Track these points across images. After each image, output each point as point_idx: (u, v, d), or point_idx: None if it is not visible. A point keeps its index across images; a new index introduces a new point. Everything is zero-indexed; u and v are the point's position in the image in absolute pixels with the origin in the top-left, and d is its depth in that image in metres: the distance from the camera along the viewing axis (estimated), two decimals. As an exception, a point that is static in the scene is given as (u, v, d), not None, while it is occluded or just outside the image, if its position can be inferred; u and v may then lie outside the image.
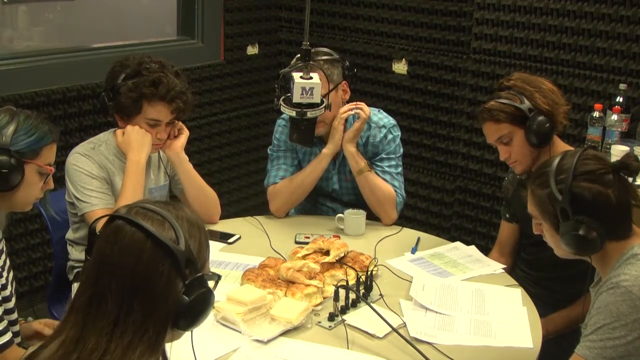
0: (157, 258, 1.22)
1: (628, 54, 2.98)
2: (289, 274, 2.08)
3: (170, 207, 1.30)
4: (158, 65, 2.33)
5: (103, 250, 1.24)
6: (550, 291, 2.35)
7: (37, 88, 2.99)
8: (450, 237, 3.42)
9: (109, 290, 1.20)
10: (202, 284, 1.27)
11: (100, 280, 1.22)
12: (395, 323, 1.91)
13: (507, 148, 2.24)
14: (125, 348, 1.18)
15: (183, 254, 1.23)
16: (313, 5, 3.87)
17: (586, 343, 1.60)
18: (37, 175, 1.80)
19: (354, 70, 2.64)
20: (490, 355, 1.86)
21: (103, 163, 2.40)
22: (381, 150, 2.66)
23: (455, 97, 3.54)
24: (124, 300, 1.20)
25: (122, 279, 1.21)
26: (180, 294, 1.23)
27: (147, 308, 1.20)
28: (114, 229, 1.24)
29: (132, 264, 1.21)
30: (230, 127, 3.98)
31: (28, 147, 1.76)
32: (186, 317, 1.25)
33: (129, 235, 1.22)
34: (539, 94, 2.18)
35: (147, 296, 1.21)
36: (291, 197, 2.65)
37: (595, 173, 1.64)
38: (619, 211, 1.64)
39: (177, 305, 1.23)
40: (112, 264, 1.22)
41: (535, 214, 1.74)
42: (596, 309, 1.61)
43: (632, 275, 1.58)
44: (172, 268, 1.22)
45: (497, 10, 3.30)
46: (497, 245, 2.55)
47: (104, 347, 1.18)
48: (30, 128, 1.77)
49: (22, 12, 3.41)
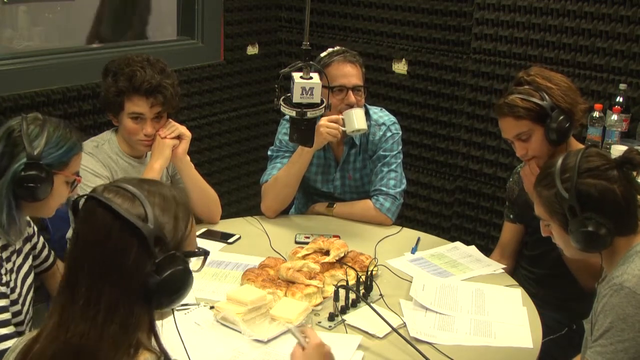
0: (125, 237, 1.21)
1: (628, 54, 2.97)
2: (289, 274, 2.08)
3: (144, 184, 1.28)
4: (142, 61, 2.35)
5: (77, 231, 1.25)
6: (551, 290, 2.35)
7: (37, 88, 2.99)
8: (450, 237, 3.42)
9: (82, 272, 1.21)
10: (176, 262, 1.24)
11: (74, 262, 1.23)
12: (395, 323, 1.91)
13: (525, 145, 2.21)
14: (101, 329, 1.18)
15: (151, 232, 1.21)
16: (313, 5, 3.87)
17: (597, 348, 1.60)
18: (65, 185, 1.82)
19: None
20: (490, 355, 1.86)
21: (107, 162, 2.41)
22: (379, 148, 2.67)
23: (455, 97, 3.54)
24: (95, 281, 1.20)
25: (92, 259, 1.21)
26: (150, 273, 1.21)
27: (117, 288, 1.20)
28: (86, 210, 1.25)
29: (101, 243, 1.21)
30: (230, 127, 3.98)
31: (58, 160, 1.78)
32: (160, 295, 1.23)
33: (99, 215, 1.22)
34: (559, 92, 2.16)
35: (116, 276, 1.20)
36: (278, 196, 2.65)
37: (599, 169, 1.66)
38: (626, 206, 1.65)
39: (147, 284, 1.21)
40: (84, 244, 1.23)
41: (544, 215, 1.75)
42: (602, 311, 1.61)
43: (635, 275, 1.58)
44: (140, 247, 1.21)
45: (497, 10, 3.30)
46: (499, 247, 2.54)
47: (81, 330, 1.18)
48: (60, 140, 1.79)
49: (22, 12, 3.41)
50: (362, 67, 2.64)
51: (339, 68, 2.57)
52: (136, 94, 2.32)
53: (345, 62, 2.58)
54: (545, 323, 2.04)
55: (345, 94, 2.56)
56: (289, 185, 2.62)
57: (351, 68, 2.59)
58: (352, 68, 2.59)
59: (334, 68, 2.57)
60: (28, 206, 1.80)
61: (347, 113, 2.50)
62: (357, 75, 2.60)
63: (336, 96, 2.55)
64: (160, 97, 2.33)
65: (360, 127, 2.49)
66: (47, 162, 1.75)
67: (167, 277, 1.22)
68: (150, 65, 2.34)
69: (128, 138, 2.42)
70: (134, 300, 1.21)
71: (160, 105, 2.35)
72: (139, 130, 2.37)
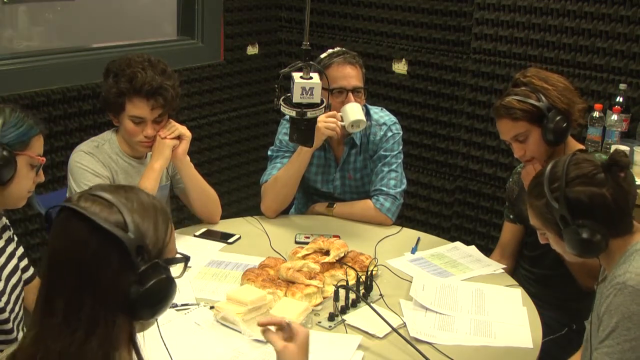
0: (104, 248, 1.15)
1: (628, 54, 2.97)
2: (289, 274, 2.08)
3: (121, 190, 1.22)
4: (143, 62, 2.35)
5: (52, 244, 1.19)
6: (551, 289, 2.35)
7: (37, 88, 2.99)
8: (450, 237, 3.42)
9: (60, 286, 1.16)
10: (158, 271, 1.19)
11: (51, 275, 1.18)
12: (395, 323, 1.91)
13: (523, 146, 2.22)
14: (81, 344, 1.13)
15: (132, 241, 1.16)
16: (313, 5, 3.87)
17: (604, 349, 1.59)
18: (28, 167, 1.81)
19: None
20: (490, 355, 1.86)
21: (107, 162, 2.41)
22: (380, 148, 2.67)
23: (455, 97, 3.54)
24: (74, 295, 1.15)
25: (69, 272, 1.15)
26: (133, 284, 1.16)
27: (97, 301, 1.14)
28: (61, 221, 1.19)
29: (79, 255, 1.15)
30: (230, 127, 3.98)
31: (17, 139, 1.77)
32: (143, 307, 1.18)
33: (74, 227, 1.16)
34: (556, 92, 2.17)
35: (96, 289, 1.15)
36: (278, 196, 2.65)
37: (587, 175, 1.65)
38: (617, 208, 1.65)
39: (129, 296, 1.16)
40: (60, 257, 1.17)
41: (538, 225, 1.75)
42: (607, 312, 1.61)
43: (638, 273, 1.58)
44: (121, 258, 1.15)
45: (497, 10, 3.30)
46: (499, 248, 2.54)
47: (60, 347, 1.13)
48: (17, 120, 1.78)
49: (22, 12, 3.41)
50: (362, 68, 2.64)
51: (339, 69, 2.56)
52: (137, 96, 2.31)
53: (345, 63, 2.58)
54: (545, 323, 2.04)
55: (345, 96, 2.55)
56: (288, 185, 2.62)
57: (351, 69, 2.58)
58: (352, 69, 2.58)
59: (334, 69, 2.56)
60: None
61: (344, 108, 2.50)
62: (357, 77, 2.59)
63: (336, 98, 2.54)
64: (161, 99, 2.33)
65: (357, 118, 2.46)
66: (6, 142, 1.74)
67: (151, 287, 1.17)
68: (151, 66, 2.34)
69: (128, 139, 2.42)
70: (116, 313, 1.16)
71: (161, 107, 2.35)
72: (139, 132, 2.37)
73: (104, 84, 2.40)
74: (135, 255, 1.16)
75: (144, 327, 1.27)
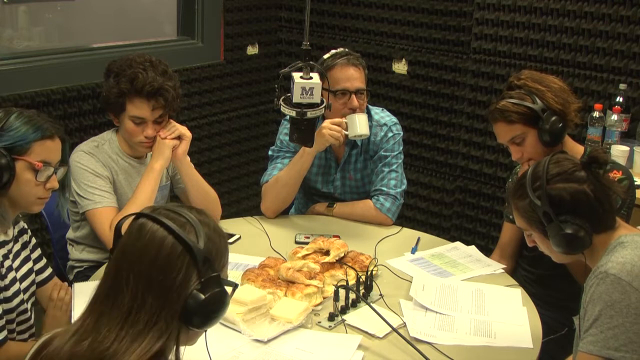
0: (176, 253, 1.24)
1: (628, 54, 2.98)
2: (289, 274, 2.08)
3: (194, 211, 1.32)
4: (144, 62, 2.35)
5: (125, 245, 1.27)
6: (551, 290, 2.35)
7: (37, 88, 2.99)
8: (450, 237, 3.42)
9: (127, 283, 1.23)
10: (218, 284, 1.28)
11: (119, 273, 1.25)
12: (395, 323, 1.91)
13: (520, 148, 2.23)
14: (135, 336, 1.20)
15: (201, 252, 1.25)
16: (313, 5, 3.87)
17: (588, 338, 1.61)
18: (30, 172, 1.77)
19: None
20: (490, 355, 1.86)
21: (107, 162, 2.41)
22: (381, 149, 2.67)
23: (455, 97, 3.54)
24: (139, 293, 1.22)
25: (139, 271, 1.23)
26: (195, 291, 1.24)
27: (161, 301, 1.22)
28: (137, 226, 1.28)
29: (151, 257, 1.24)
30: (230, 127, 3.98)
31: (13, 143, 1.74)
32: (199, 314, 1.26)
33: (151, 231, 1.25)
34: (550, 93, 2.18)
35: (162, 290, 1.23)
36: (278, 197, 2.64)
37: (567, 172, 1.70)
38: (599, 204, 1.69)
39: (190, 301, 1.24)
40: (132, 257, 1.25)
41: (524, 225, 1.79)
42: (590, 301, 1.63)
43: (619, 262, 1.60)
44: (190, 264, 1.24)
45: (497, 10, 3.31)
46: (498, 248, 2.54)
47: (115, 335, 1.20)
48: (20, 125, 1.76)
49: (22, 12, 3.41)
50: (365, 69, 2.63)
51: (343, 71, 2.55)
52: (138, 96, 2.32)
53: (348, 65, 2.57)
54: (545, 323, 2.04)
55: (348, 98, 2.55)
56: (289, 185, 2.62)
57: (354, 71, 2.57)
58: (355, 71, 2.57)
59: (337, 71, 2.55)
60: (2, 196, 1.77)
61: (351, 117, 2.50)
62: (360, 79, 2.59)
63: (339, 100, 2.54)
64: (161, 100, 2.33)
65: (362, 133, 2.49)
66: (3, 145, 1.73)
67: (209, 297, 1.25)
68: (152, 67, 2.34)
69: (128, 139, 2.42)
70: (174, 315, 1.24)
71: (162, 108, 2.35)
72: (140, 132, 2.37)
73: (104, 84, 2.40)
74: (202, 264, 1.25)
75: (190, 339, 1.33)
